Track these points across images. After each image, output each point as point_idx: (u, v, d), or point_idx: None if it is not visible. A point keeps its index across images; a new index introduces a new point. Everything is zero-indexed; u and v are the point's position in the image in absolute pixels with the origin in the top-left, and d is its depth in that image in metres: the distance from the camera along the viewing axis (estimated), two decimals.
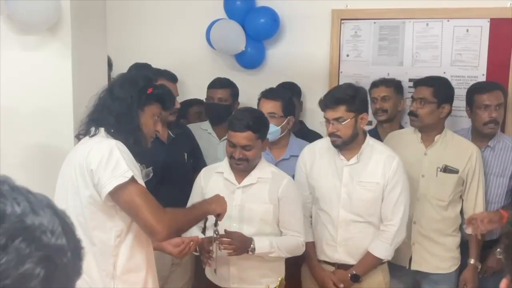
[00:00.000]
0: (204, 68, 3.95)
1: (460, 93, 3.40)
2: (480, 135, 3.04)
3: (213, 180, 2.59)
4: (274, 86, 3.33)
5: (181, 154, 3.06)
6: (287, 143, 3.09)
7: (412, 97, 2.96)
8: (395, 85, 3.44)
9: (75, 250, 0.79)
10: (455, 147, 2.89)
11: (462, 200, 2.91)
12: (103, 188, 1.90)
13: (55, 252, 0.73)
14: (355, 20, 3.69)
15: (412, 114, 2.90)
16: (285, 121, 3.00)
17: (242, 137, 2.47)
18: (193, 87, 3.83)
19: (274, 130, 2.96)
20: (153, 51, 3.90)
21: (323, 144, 2.79)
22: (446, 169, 2.85)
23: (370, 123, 3.69)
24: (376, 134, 3.43)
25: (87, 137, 2.06)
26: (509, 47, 3.37)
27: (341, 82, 3.73)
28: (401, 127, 3.49)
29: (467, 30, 3.46)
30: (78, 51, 2.58)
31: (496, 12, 3.37)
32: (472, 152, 2.86)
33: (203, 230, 2.60)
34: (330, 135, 2.65)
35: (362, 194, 2.67)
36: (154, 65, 3.49)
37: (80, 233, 2.00)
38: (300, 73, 3.73)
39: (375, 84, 3.44)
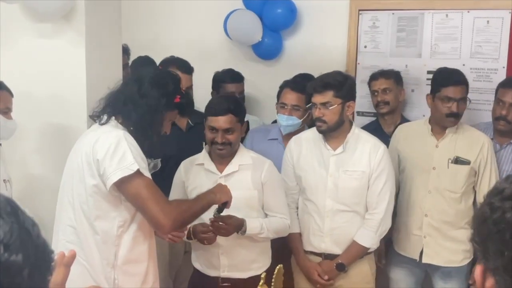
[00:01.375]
0: (221, 58, 3.96)
1: (480, 86, 3.35)
2: (500, 132, 3.00)
3: (194, 173, 2.59)
4: (291, 77, 3.32)
5: (198, 143, 3.08)
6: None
7: (446, 96, 2.80)
8: (394, 76, 3.41)
9: (36, 266, 0.69)
10: (466, 138, 2.86)
11: (475, 192, 2.87)
12: (108, 179, 1.92)
13: (4, 271, 0.63)
14: (373, 11, 3.64)
15: (454, 115, 2.81)
16: (307, 115, 3.00)
17: (224, 120, 2.49)
18: (210, 77, 3.84)
19: (296, 123, 2.99)
20: (169, 40, 3.94)
21: (309, 135, 2.81)
22: (458, 161, 2.82)
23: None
24: (378, 126, 3.43)
25: (96, 125, 2.07)
26: None
27: (358, 74, 3.72)
28: (402, 117, 3.46)
29: (488, 22, 3.39)
30: (92, 38, 2.62)
31: None
32: (483, 142, 2.83)
33: None
34: (316, 119, 2.67)
35: (348, 183, 2.68)
36: (170, 55, 3.52)
37: (83, 221, 2.03)
38: (317, 64, 3.70)
39: (374, 77, 3.42)
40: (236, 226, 2.47)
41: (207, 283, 2.58)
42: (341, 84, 2.63)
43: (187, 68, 3.29)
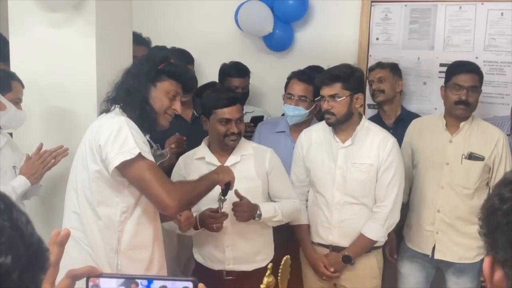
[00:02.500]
0: (232, 50, 3.94)
1: (493, 79, 3.31)
2: None
3: (194, 167, 2.58)
4: (302, 69, 3.31)
5: (203, 134, 3.09)
6: (309, 126, 3.08)
7: (457, 84, 2.80)
8: (390, 67, 3.41)
9: (28, 267, 0.67)
10: (481, 133, 2.82)
11: (489, 188, 2.84)
12: (110, 163, 1.93)
13: None
14: (386, 3, 3.61)
15: (464, 103, 2.79)
16: (314, 106, 2.99)
17: (235, 110, 2.53)
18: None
19: (303, 113, 2.99)
20: (180, 32, 3.93)
21: (319, 128, 2.82)
22: (472, 156, 2.79)
23: (372, 106, 3.66)
24: (380, 119, 3.42)
25: (104, 113, 2.11)
26: None
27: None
28: (402, 108, 3.45)
29: (502, 14, 3.35)
30: (103, 29, 2.62)
31: None
32: (498, 138, 2.79)
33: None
34: (325, 112, 2.67)
35: (356, 175, 2.68)
36: (180, 46, 3.52)
37: (86, 207, 2.05)
38: (329, 56, 3.67)
39: (371, 68, 3.47)
40: (252, 208, 2.48)
41: (210, 277, 2.56)
42: (348, 76, 2.64)
43: (187, 58, 3.30)
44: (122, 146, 1.92)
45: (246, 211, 2.46)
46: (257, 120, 3.46)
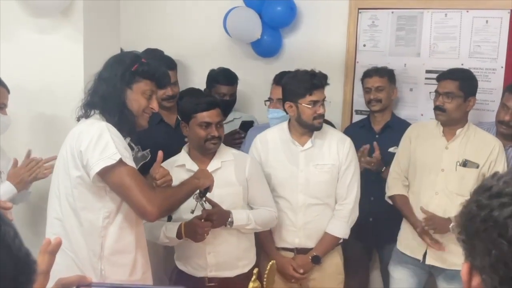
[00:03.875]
0: (220, 55, 3.95)
1: (478, 85, 3.33)
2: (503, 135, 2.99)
3: (175, 175, 2.52)
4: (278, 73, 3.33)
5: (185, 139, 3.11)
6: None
7: (436, 91, 2.88)
8: (388, 75, 3.41)
9: (15, 281, 0.68)
10: (477, 141, 2.83)
11: None
12: (91, 169, 1.93)
13: None
14: (373, 10, 3.64)
15: (439, 109, 2.84)
16: None
17: (215, 114, 2.54)
18: None
19: (282, 115, 3.03)
20: (168, 37, 3.93)
21: (275, 133, 2.86)
22: (466, 164, 2.80)
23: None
24: (368, 124, 3.46)
25: (83, 119, 2.10)
26: None
27: (357, 73, 3.71)
28: (392, 115, 3.47)
29: (487, 21, 3.39)
30: (90, 34, 2.63)
31: None
32: (494, 146, 2.80)
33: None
34: (321, 116, 2.73)
35: (319, 176, 2.76)
36: (169, 52, 3.52)
37: (69, 213, 2.04)
38: (316, 62, 3.65)
39: (368, 74, 3.42)
40: (223, 215, 2.49)
41: (193, 285, 2.56)
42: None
43: (170, 64, 3.29)
44: (103, 152, 1.92)
45: (216, 219, 2.46)
46: (247, 124, 3.47)
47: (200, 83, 3.72)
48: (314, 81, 2.67)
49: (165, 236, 2.51)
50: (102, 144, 1.93)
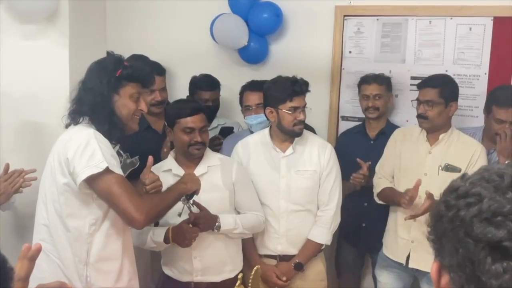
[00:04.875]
0: (207, 62, 3.97)
1: (462, 91, 3.37)
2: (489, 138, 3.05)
3: (162, 180, 2.55)
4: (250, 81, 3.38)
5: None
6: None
7: (417, 99, 2.93)
8: (386, 83, 3.43)
9: None
10: (460, 145, 2.87)
11: None
12: (78, 176, 1.93)
13: None
14: (358, 17, 3.67)
15: (421, 117, 2.88)
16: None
17: (199, 119, 2.55)
18: None
19: (265, 120, 3.03)
20: (155, 44, 3.93)
21: (256, 139, 2.88)
22: (448, 168, 2.83)
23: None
24: (363, 130, 3.47)
25: (72, 125, 2.10)
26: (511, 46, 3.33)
27: (343, 79, 3.75)
28: (388, 122, 3.49)
29: (470, 29, 3.43)
30: (76, 40, 2.63)
31: (500, 11, 3.33)
32: (475, 150, 2.83)
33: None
34: (302, 122, 2.74)
35: (301, 183, 2.77)
36: (156, 59, 3.53)
37: (55, 219, 2.04)
38: (303, 69, 3.71)
39: (367, 81, 3.42)
40: (211, 219, 2.49)
41: None
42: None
43: (159, 70, 3.30)
44: (89, 159, 1.92)
45: (203, 223, 2.46)
46: (226, 130, 3.48)
47: (187, 89, 3.73)
48: (295, 87, 2.69)
49: (152, 241, 2.51)
50: (89, 151, 1.93)
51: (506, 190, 0.78)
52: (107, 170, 1.92)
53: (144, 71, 2.17)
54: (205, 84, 3.57)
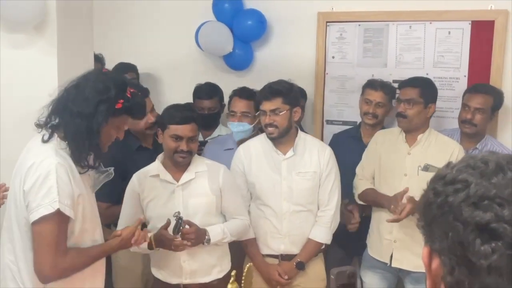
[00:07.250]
0: (193, 69, 4.01)
1: (443, 94, 3.46)
2: (467, 136, 3.13)
3: (149, 185, 2.60)
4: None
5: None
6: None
7: (398, 98, 3.02)
8: (392, 94, 3.38)
9: None
10: (438, 146, 2.94)
11: None
12: (31, 213, 1.87)
13: None
14: (340, 23, 3.74)
15: (400, 115, 2.96)
16: (257, 121, 3.09)
17: (189, 129, 2.55)
18: (181, 88, 3.88)
19: (247, 128, 3.12)
20: (141, 51, 3.97)
21: (257, 142, 2.94)
22: (427, 168, 2.88)
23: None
24: (358, 134, 3.48)
25: (39, 141, 1.95)
26: (489, 49, 3.41)
27: (327, 84, 3.81)
28: (382, 128, 3.48)
29: (449, 33, 3.52)
30: (64, 49, 2.64)
31: (477, 15, 3.43)
32: (453, 150, 2.90)
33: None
34: (267, 125, 2.79)
35: (302, 184, 2.83)
36: (142, 66, 3.56)
37: (15, 230, 1.94)
38: (287, 74, 3.72)
39: (373, 87, 3.38)
40: (200, 235, 2.51)
41: None
42: (288, 91, 2.79)
43: (145, 92, 3.11)
44: (44, 196, 1.84)
45: (194, 238, 2.47)
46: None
47: (173, 96, 3.75)
48: (263, 92, 2.78)
49: (136, 247, 2.51)
50: (46, 187, 1.84)
51: (491, 176, 0.81)
52: (57, 212, 1.84)
53: (141, 104, 2.09)
54: (202, 93, 3.61)
